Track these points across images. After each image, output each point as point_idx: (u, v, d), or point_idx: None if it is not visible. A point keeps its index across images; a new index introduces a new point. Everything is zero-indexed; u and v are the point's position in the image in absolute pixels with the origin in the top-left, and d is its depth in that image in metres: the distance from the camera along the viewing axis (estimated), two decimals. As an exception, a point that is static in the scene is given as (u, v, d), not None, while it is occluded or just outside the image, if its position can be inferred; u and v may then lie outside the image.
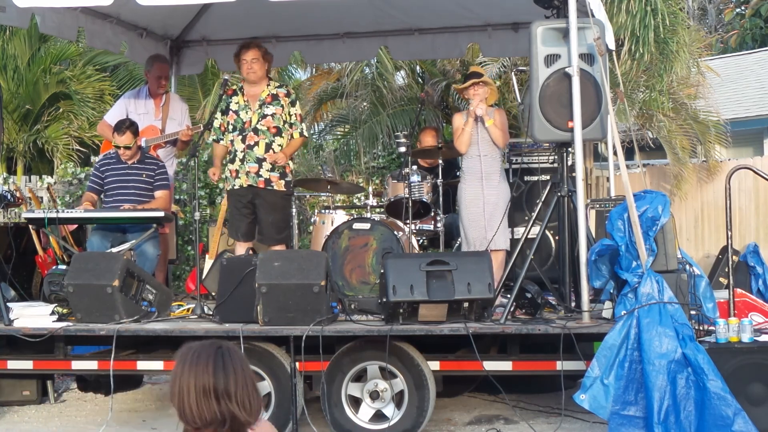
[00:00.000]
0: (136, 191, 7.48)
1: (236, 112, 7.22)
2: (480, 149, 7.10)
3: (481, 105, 7.06)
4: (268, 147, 7.13)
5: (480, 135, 7.10)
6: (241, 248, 7.28)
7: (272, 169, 7.12)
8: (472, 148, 7.12)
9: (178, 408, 2.64)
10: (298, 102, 7.41)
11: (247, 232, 7.25)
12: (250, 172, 7.13)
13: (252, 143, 7.14)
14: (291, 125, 7.24)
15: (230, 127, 7.24)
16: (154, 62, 8.26)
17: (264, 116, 7.16)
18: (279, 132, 7.18)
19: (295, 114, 7.28)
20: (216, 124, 7.31)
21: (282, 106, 7.20)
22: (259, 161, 7.13)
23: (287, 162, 7.22)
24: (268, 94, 7.22)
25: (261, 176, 7.12)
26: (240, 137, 7.18)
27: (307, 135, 7.47)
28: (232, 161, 7.22)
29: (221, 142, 7.34)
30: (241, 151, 7.16)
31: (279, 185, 7.17)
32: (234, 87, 7.32)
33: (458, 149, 7.20)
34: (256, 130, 7.15)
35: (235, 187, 7.22)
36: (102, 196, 7.64)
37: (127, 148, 7.40)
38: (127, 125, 7.46)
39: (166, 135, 8.04)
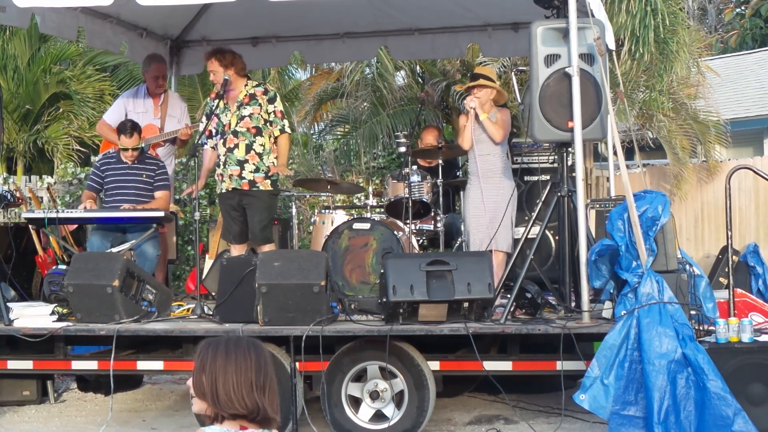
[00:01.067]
0: (136, 191, 7.48)
1: (218, 116, 7.16)
2: (477, 149, 7.10)
3: (474, 99, 7.06)
4: (249, 148, 7.04)
5: (479, 135, 7.10)
6: (236, 250, 7.23)
7: (256, 170, 7.04)
8: (471, 149, 7.13)
9: (212, 395, 2.71)
10: (278, 99, 7.25)
11: (238, 234, 7.20)
12: (233, 175, 7.06)
13: (232, 146, 7.07)
14: (271, 123, 7.13)
15: (213, 130, 7.21)
16: (151, 63, 8.26)
17: (242, 117, 7.07)
18: (259, 132, 7.08)
19: (275, 111, 7.13)
20: (201, 128, 7.27)
21: (260, 104, 7.09)
22: (241, 163, 7.04)
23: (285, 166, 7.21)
24: (246, 95, 7.12)
25: (244, 178, 7.04)
26: (222, 141, 7.13)
27: (289, 131, 7.33)
28: (218, 165, 7.19)
29: (206, 146, 7.30)
30: (224, 155, 7.10)
31: (265, 185, 7.09)
32: (217, 91, 7.23)
33: (462, 147, 7.22)
34: (235, 133, 7.07)
35: (222, 191, 7.20)
36: (102, 195, 7.64)
37: (135, 149, 7.44)
38: (131, 126, 7.50)
39: (165, 134, 8.04)
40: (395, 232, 7.07)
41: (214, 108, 7.16)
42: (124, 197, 7.45)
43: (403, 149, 7.81)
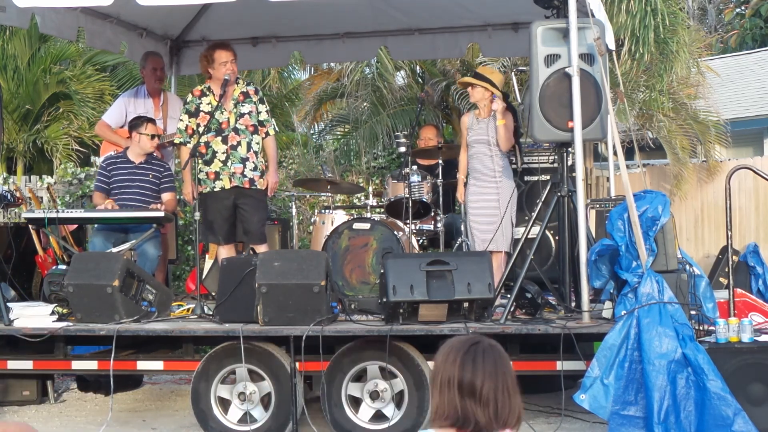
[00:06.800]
0: (141, 191, 7.47)
1: (210, 113, 7.04)
2: (474, 150, 7.11)
3: (497, 102, 6.95)
4: (249, 146, 7.07)
5: (477, 135, 7.10)
6: (224, 251, 7.15)
7: (254, 169, 7.07)
8: (468, 150, 7.14)
9: (432, 402, 2.53)
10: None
11: (228, 234, 7.15)
12: (235, 173, 7.02)
13: (235, 143, 7.04)
14: (262, 123, 7.15)
15: (202, 128, 7.02)
16: (147, 57, 8.32)
17: (242, 115, 7.07)
18: (255, 130, 7.11)
19: (265, 111, 7.20)
20: (182, 126, 7.18)
21: (254, 103, 7.13)
22: (243, 161, 7.04)
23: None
24: (240, 92, 7.12)
25: (246, 176, 7.04)
26: (219, 138, 7.06)
27: (276, 131, 7.43)
28: (209, 163, 7.05)
29: (188, 144, 7.10)
30: (223, 153, 7.04)
31: (261, 184, 7.11)
32: (201, 88, 7.20)
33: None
34: (236, 130, 7.06)
35: (215, 189, 7.06)
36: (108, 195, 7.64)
37: (154, 137, 7.49)
38: (144, 119, 7.59)
39: (168, 135, 8.04)
40: (395, 232, 7.07)
41: (200, 105, 7.10)
42: (129, 197, 7.45)
43: (403, 149, 7.81)
